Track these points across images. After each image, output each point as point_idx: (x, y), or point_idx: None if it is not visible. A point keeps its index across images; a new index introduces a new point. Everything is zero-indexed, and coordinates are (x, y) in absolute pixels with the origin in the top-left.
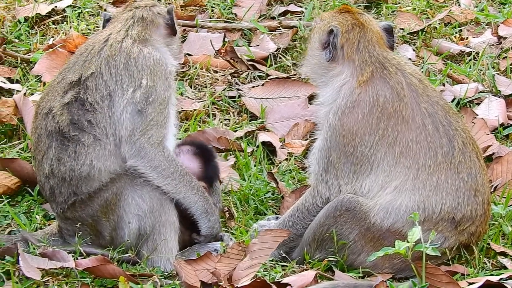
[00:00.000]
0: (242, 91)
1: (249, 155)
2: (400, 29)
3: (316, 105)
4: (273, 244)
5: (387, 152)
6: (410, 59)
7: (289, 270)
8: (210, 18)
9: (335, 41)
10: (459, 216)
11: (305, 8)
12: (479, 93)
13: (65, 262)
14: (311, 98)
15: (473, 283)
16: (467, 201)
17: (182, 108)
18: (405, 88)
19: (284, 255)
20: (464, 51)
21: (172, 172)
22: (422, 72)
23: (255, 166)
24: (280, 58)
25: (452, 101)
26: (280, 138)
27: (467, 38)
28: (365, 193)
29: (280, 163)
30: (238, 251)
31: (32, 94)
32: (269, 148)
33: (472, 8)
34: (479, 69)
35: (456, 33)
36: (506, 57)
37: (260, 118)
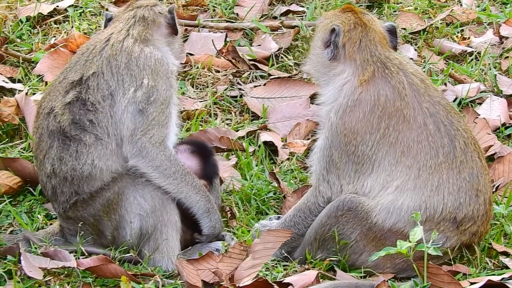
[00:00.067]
0: (243, 90)
1: (250, 154)
2: (402, 29)
3: (317, 104)
4: (275, 244)
5: (388, 152)
6: (412, 58)
7: (290, 269)
8: (212, 17)
9: (336, 40)
10: (460, 216)
11: (307, 7)
12: (480, 93)
13: (67, 261)
14: (312, 98)
15: (474, 283)
16: (468, 201)
17: (184, 108)
18: (406, 88)
19: (285, 254)
20: (466, 51)
21: (173, 171)
22: (424, 72)
23: (256, 165)
24: (282, 58)
25: (454, 100)
26: (281, 138)
27: (469, 38)
28: (366, 193)
29: (281, 162)
30: (240, 251)
31: (34, 93)
32: (270, 147)
33: (474, 8)
34: (481, 69)
35: (458, 33)
36: (508, 57)
37: (261, 118)
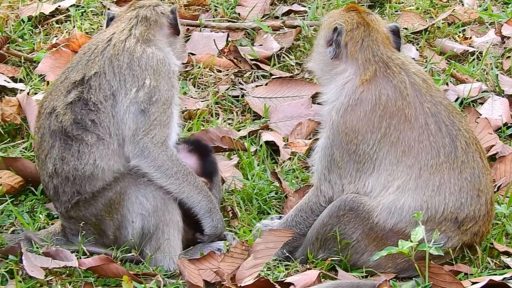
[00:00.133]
0: (245, 90)
1: (252, 154)
2: (403, 28)
3: (319, 103)
4: (277, 244)
5: (390, 151)
6: (413, 58)
7: (292, 269)
8: (214, 17)
9: (338, 39)
10: (462, 216)
11: (309, 7)
12: (482, 92)
13: (69, 261)
14: (314, 98)
15: (476, 282)
16: (470, 201)
17: (185, 108)
18: (408, 88)
19: (287, 254)
20: (468, 50)
21: (175, 171)
22: (426, 71)
23: (258, 165)
24: (283, 57)
25: (456, 100)
26: (283, 138)
27: (470, 38)
28: (368, 193)
29: (283, 162)
30: (241, 251)
31: (36, 93)
32: (272, 147)
33: (475, 7)
34: (482, 68)
35: (460, 32)
36: (509, 56)
37: (263, 118)
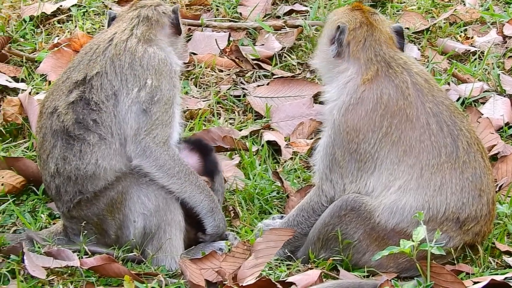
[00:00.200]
0: (247, 90)
1: (254, 154)
2: (405, 28)
3: (321, 101)
4: (278, 243)
5: (391, 150)
6: (415, 58)
7: (294, 269)
8: (215, 17)
9: (341, 37)
10: (463, 216)
11: (310, 7)
12: (484, 92)
13: (70, 261)
14: (316, 97)
15: (478, 282)
16: (471, 201)
17: (187, 107)
18: (410, 87)
19: (289, 254)
20: (469, 50)
21: (177, 171)
22: (428, 71)
23: (260, 165)
24: (285, 57)
25: (457, 100)
26: (285, 137)
27: (472, 38)
28: (369, 192)
29: (285, 162)
30: (243, 250)
31: (37, 93)
32: (274, 147)
33: (477, 7)
34: (484, 68)
35: (461, 32)
36: (511, 56)
37: (265, 117)
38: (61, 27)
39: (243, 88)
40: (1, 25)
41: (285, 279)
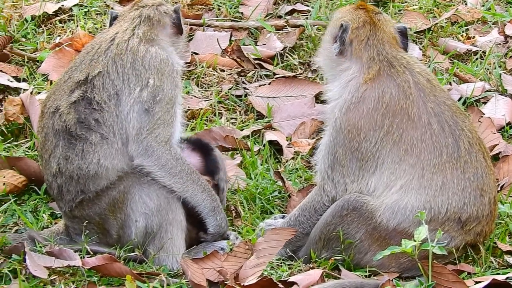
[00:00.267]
0: (248, 90)
1: (255, 154)
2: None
3: (323, 100)
4: (279, 243)
5: (392, 149)
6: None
7: (295, 268)
8: (217, 17)
9: (344, 36)
10: (465, 216)
11: (312, 7)
12: (485, 92)
13: (72, 260)
14: (317, 97)
15: (479, 282)
16: (473, 201)
17: (188, 107)
18: (412, 87)
19: (290, 253)
20: (471, 50)
21: (179, 170)
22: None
23: (261, 165)
24: (286, 57)
25: (459, 100)
26: (286, 137)
27: (473, 37)
28: (371, 192)
29: (286, 162)
30: (244, 250)
31: (39, 92)
32: (275, 147)
33: (479, 7)
34: (485, 68)
35: (463, 32)
36: None
37: (266, 117)
38: (62, 26)
39: (244, 88)
40: (2, 24)
41: (286, 278)
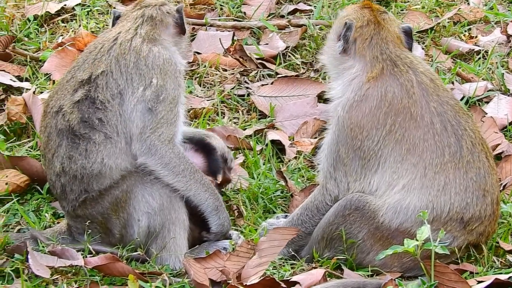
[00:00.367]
0: (251, 89)
1: (258, 153)
2: None
3: (327, 98)
4: (281, 242)
5: (394, 148)
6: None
7: (298, 268)
8: (219, 16)
9: (347, 34)
10: (467, 216)
11: (314, 6)
12: (488, 91)
13: (74, 260)
14: (320, 97)
15: (482, 281)
16: (475, 201)
17: (191, 107)
18: (415, 86)
19: (293, 253)
20: (473, 49)
21: (182, 169)
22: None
23: (264, 164)
24: (289, 56)
25: (461, 99)
26: (289, 137)
27: (476, 37)
28: (373, 191)
29: (289, 161)
30: (247, 249)
31: (42, 92)
32: (278, 146)
33: (481, 6)
34: (488, 67)
35: (465, 31)
36: None
37: (269, 117)
38: (65, 26)
39: (247, 87)
40: (5, 24)
41: (289, 278)
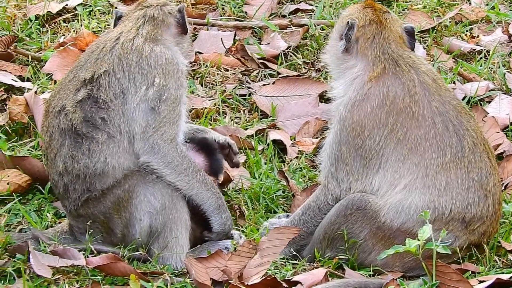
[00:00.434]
0: (252, 89)
1: (259, 153)
2: None
3: (329, 98)
4: (282, 242)
5: (396, 148)
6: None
7: (299, 268)
8: (221, 16)
9: (350, 33)
10: (469, 216)
11: (316, 6)
12: (489, 91)
13: (76, 260)
14: (321, 96)
15: (483, 281)
16: (477, 201)
17: (192, 106)
18: (417, 86)
19: (294, 253)
20: (475, 49)
21: (185, 168)
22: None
23: (265, 164)
24: (290, 56)
25: (463, 99)
26: (290, 136)
27: (477, 36)
28: (375, 191)
29: (290, 161)
30: (248, 249)
31: (43, 92)
32: (279, 146)
33: (482, 6)
34: (489, 67)
35: (467, 31)
36: None
37: (270, 116)
38: (66, 26)
39: (248, 87)
40: (7, 24)
41: (290, 278)
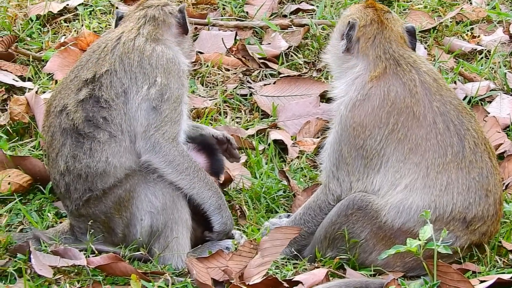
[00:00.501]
0: (253, 89)
1: (260, 153)
2: None
3: (330, 97)
4: (283, 242)
5: (397, 148)
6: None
7: (300, 268)
8: (222, 16)
9: (351, 33)
10: (470, 216)
11: (317, 6)
12: (490, 91)
13: (77, 260)
14: (322, 96)
15: (484, 281)
16: (478, 201)
17: (193, 106)
18: (418, 86)
19: (295, 253)
20: (476, 49)
21: (186, 167)
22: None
23: (266, 164)
24: (291, 56)
25: (464, 99)
26: (291, 136)
27: (478, 36)
28: (376, 191)
29: (291, 161)
30: (249, 249)
31: (44, 92)
32: (280, 146)
33: (483, 6)
34: (490, 67)
35: (468, 31)
36: None
37: (271, 116)
38: (67, 26)
39: (249, 87)
40: (8, 24)
41: (291, 278)
